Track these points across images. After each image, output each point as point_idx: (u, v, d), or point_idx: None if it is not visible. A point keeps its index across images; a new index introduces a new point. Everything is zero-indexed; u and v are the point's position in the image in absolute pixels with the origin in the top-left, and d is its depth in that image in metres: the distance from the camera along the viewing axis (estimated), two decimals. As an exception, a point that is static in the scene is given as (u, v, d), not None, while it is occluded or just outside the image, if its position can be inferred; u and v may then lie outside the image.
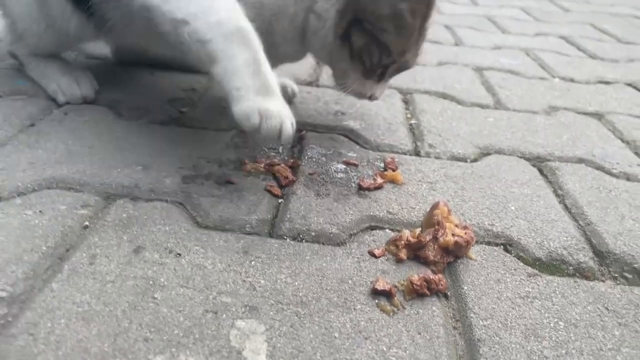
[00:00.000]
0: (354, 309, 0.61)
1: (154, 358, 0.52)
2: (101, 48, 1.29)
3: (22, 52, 1.11)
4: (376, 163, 0.94)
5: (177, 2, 0.75)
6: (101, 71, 1.21)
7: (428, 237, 0.70)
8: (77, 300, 0.58)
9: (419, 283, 0.63)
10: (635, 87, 1.53)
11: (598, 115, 1.28)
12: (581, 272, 0.72)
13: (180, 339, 0.54)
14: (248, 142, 0.98)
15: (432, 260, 0.69)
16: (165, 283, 0.61)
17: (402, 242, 0.71)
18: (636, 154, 1.09)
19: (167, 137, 0.96)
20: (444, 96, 1.31)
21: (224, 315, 0.58)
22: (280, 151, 0.97)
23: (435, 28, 2.00)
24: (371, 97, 0.96)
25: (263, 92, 0.73)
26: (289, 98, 1.16)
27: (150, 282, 0.61)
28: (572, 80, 1.54)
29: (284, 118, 0.72)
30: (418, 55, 0.95)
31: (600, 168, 1.01)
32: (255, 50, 0.75)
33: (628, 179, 0.98)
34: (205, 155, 0.91)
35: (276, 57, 0.90)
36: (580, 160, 1.03)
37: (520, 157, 1.03)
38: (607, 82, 1.55)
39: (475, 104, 1.28)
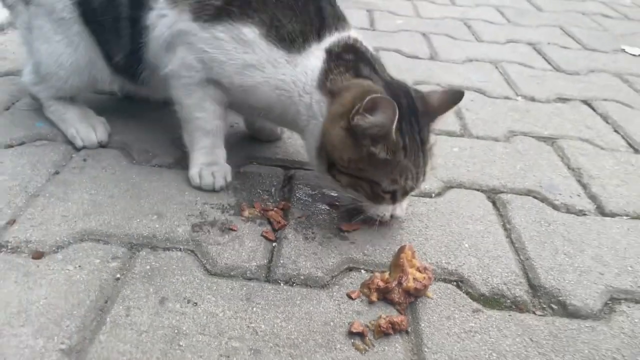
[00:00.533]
0: (335, 349, 0.79)
1: (185, 397, 0.69)
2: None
3: (44, 95, 1.23)
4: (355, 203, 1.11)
5: (181, 94, 1.05)
6: (109, 107, 1.35)
7: (394, 283, 0.88)
8: (121, 349, 0.75)
9: (385, 325, 0.81)
10: (589, 105, 1.70)
11: (551, 140, 1.45)
12: (516, 305, 0.91)
13: (203, 380, 0.72)
14: (245, 185, 1.14)
15: (397, 301, 0.87)
16: (187, 331, 0.79)
17: (374, 286, 0.89)
18: (578, 181, 1.27)
19: (174, 182, 1.12)
20: (416, 124, 1.47)
21: (235, 358, 0.75)
22: (273, 192, 1.13)
23: (413, 38, 2.15)
24: (392, 217, 1.00)
25: (208, 163, 1.09)
26: (278, 135, 1.31)
27: (175, 331, 0.78)
28: (533, 99, 1.71)
29: (217, 178, 1.09)
30: (425, 175, 0.98)
31: (544, 200, 1.19)
32: (213, 140, 1.09)
33: (568, 211, 1.16)
34: (209, 201, 1.08)
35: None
36: (529, 192, 1.21)
37: (478, 190, 1.20)
38: (565, 100, 1.72)
39: (444, 131, 1.44)
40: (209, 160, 1.11)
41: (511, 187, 1.23)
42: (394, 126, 0.87)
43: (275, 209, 1.06)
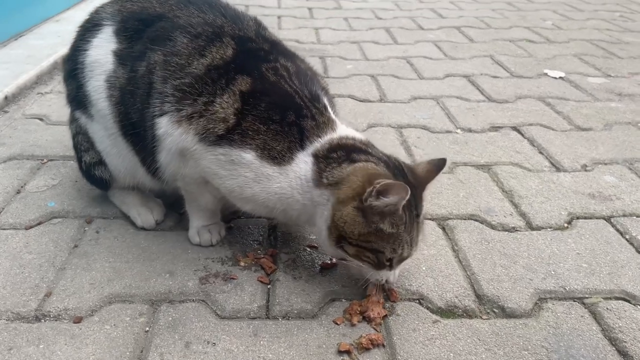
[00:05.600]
0: (329, 365, 1.01)
1: (220, 417, 0.90)
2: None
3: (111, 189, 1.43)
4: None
5: (187, 187, 1.27)
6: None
7: (369, 305, 1.11)
8: (163, 387, 0.95)
9: (366, 342, 1.04)
10: (518, 131, 1.99)
11: (487, 167, 1.73)
12: (467, 313, 1.15)
13: (231, 402, 0.93)
14: (237, 237, 1.36)
15: (373, 317, 1.10)
16: (212, 366, 1.00)
17: (353, 311, 1.12)
18: (511, 202, 1.54)
19: (177, 242, 1.33)
20: (374, 165, 1.73)
21: (253, 382, 0.97)
22: (261, 241, 1.35)
23: (363, 82, 2.42)
24: (387, 282, 1.13)
25: (204, 225, 1.32)
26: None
27: (203, 367, 0.99)
28: (470, 130, 1.99)
29: (213, 234, 1.31)
30: (418, 244, 1.13)
31: (484, 221, 1.45)
32: (210, 211, 1.32)
33: (503, 229, 1.43)
34: (210, 255, 1.29)
35: None
36: (471, 216, 1.47)
37: (430, 219, 1.46)
38: (497, 128, 2.01)
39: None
40: (206, 222, 1.32)
41: (456, 213, 1.48)
42: (402, 206, 1.03)
43: (265, 256, 1.28)
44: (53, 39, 2.61)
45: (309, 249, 1.33)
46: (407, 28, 3.37)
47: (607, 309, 1.16)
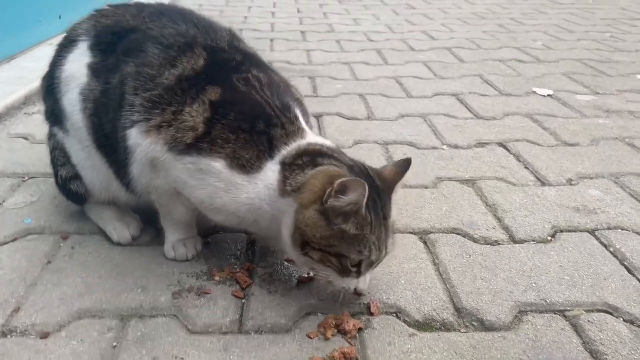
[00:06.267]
0: (300, 380, 0.98)
1: None
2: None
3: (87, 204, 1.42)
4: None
5: (160, 200, 1.26)
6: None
7: (344, 318, 1.09)
8: (126, 403, 0.92)
9: (338, 356, 1.01)
10: (504, 147, 1.98)
11: (472, 182, 1.71)
12: (445, 327, 1.12)
13: (196, 418, 0.90)
14: (214, 252, 1.34)
15: (348, 330, 1.07)
16: (179, 381, 0.97)
17: (328, 325, 1.09)
18: (494, 216, 1.52)
19: (153, 257, 1.31)
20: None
21: (220, 398, 0.94)
22: (239, 256, 1.33)
23: (352, 100, 2.43)
24: (356, 291, 1.10)
25: (180, 239, 1.30)
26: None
27: (169, 382, 0.96)
28: (456, 146, 1.98)
29: (189, 249, 1.30)
30: (388, 248, 1.10)
31: (466, 235, 1.43)
32: (185, 225, 1.30)
33: (485, 242, 1.40)
34: (185, 270, 1.27)
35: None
36: (453, 230, 1.45)
37: (411, 233, 1.43)
38: (484, 144, 2.00)
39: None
40: (181, 237, 1.30)
41: (439, 227, 1.46)
42: (364, 204, 1.00)
43: (241, 271, 1.26)
44: (45, 62, 2.62)
45: (287, 263, 1.31)
46: (399, 49, 3.40)
47: (589, 321, 1.13)
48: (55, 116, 1.34)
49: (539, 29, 4.05)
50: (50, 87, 1.33)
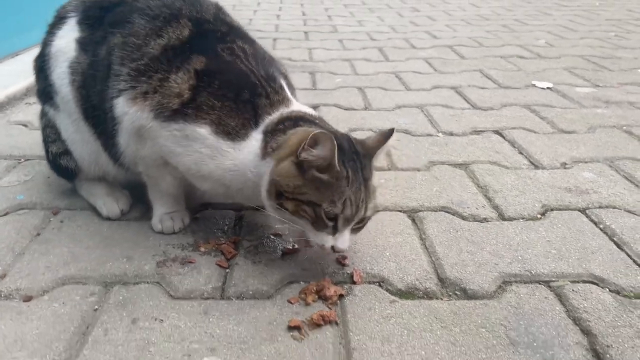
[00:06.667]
0: (277, 340, 0.98)
1: (156, 387, 0.87)
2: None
3: (78, 179, 1.43)
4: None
5: (147, 170, 1.27)
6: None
7: (325, 284, 1.08)
8: (101, 359, 0.92)
9: (316, 318, 1.01)
10: (500, 134, 1.97)
11: (465, 166, 1.71)
12: (427, 295, 1.11)
13: (170, 373, 0.90)
14: (201, 227, 1.34)
15: (329, 296, 1.07)
16: (155, 341, 0.97)
17: (310, 290, 1.09)
18: (485, 196, 1.51)
19: (141, 231, 1.32)
20: (349, 164, 1.71)
21: (195, 356, 0.94)
22: (226, 230, 1.34)
23: (350, 92, 2.44)
24: (334, 249, 1.08)
25: (168, 212, 1.31)
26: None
27: (146, 341, 0.97)
28: (451, 133, 1.98)
29: (175, 221, 1.30)
30: (367, 209, 1.10)
31: (455, 213, 1.42)
32: (173, 197, 1.31)
33: (474, 219, 1.39)
34: (171, 242, 1.28)
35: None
36: (442, 208, 1.44)
37: (400, 211, 1.43)
38: (479, 132, 1.99)
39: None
40: (169, 210, 1.31)
41: (427, 206, 1.46)
42: (335, 157, 1.00)
43: (227, 242, 1.26)
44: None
45: (272, 237, 1.31)
46: (400, 47, 3.41)
47: (573, 290, 1.12)
48: (46, 94, 1.36)
49: (543, 29, 4.04)
50: (42, 66, 1.35)
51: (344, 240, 1.08)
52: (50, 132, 1.39)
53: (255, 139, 1.12)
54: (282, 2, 5.61)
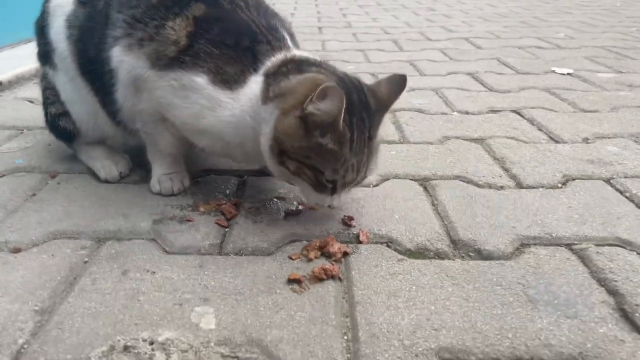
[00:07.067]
0: (275, 293, 0.91)
1: (142, 333, 0.81)
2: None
3: (77, 143, 1.39)
4: (299, 195, 1.25)
5: (145, 127, 1.21)
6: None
7: (329, 241, 1.01)
8: (87, 305, 0.86)
9: (318, 271, 0.94)
10: (518, 113, 1.89)
11: (481, 140, 1.63)
12: (438, 255, 1.04)
13: (158, 321, 0.83)
14: (202, 190, 1.29)
15: (332, 252, 1.00)
16: (145, 290, 0.91)
17: (312, 247, 1.02)
18: (502, 167, 1.43)
19: (139, 192, 1.27)
20: (359, 137, 1.65)
21: (186, 305, 0.87)
22: (227, 193, 1.28)
23: (363, 77, 2.37)
24: (330, 207, 1.08)
25: (167, 173, 1.26)
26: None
27: (135, 291, 0.90)
28: (467, 112, 1.90)
29: (175, 182, 1.25)
30: (368, 170, 1.07)
31: (469, 181, 1.34)
32: (172, 157, 1.26)
33: (489, 187, 1.32)
34: (170, 203, 1.22)
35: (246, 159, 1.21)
36: (456, 177, 1.37)
37: (411, 179, 1.36)
38: (496, 111, 1.92)
39: (383, 140, 1.61)
40: (167, 171, 1.26)
41: (441, 174, 1.38)
42: (341, 116, 0.94)
43: (228, 203, 1.20)
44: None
45: (276, 199, 1.24)
46: (415, 39, 3.35)
47: (598, 252, 1.03)
48: (45, 54, 1.32)
49: (562, 24, 3.95)
50: (42, 28, 1.32)
51: (339, 199, 1.07)
52: (49, 94, 1.35)
53: (255, 82, 1.06)
54: (297, 2, 5.60)
